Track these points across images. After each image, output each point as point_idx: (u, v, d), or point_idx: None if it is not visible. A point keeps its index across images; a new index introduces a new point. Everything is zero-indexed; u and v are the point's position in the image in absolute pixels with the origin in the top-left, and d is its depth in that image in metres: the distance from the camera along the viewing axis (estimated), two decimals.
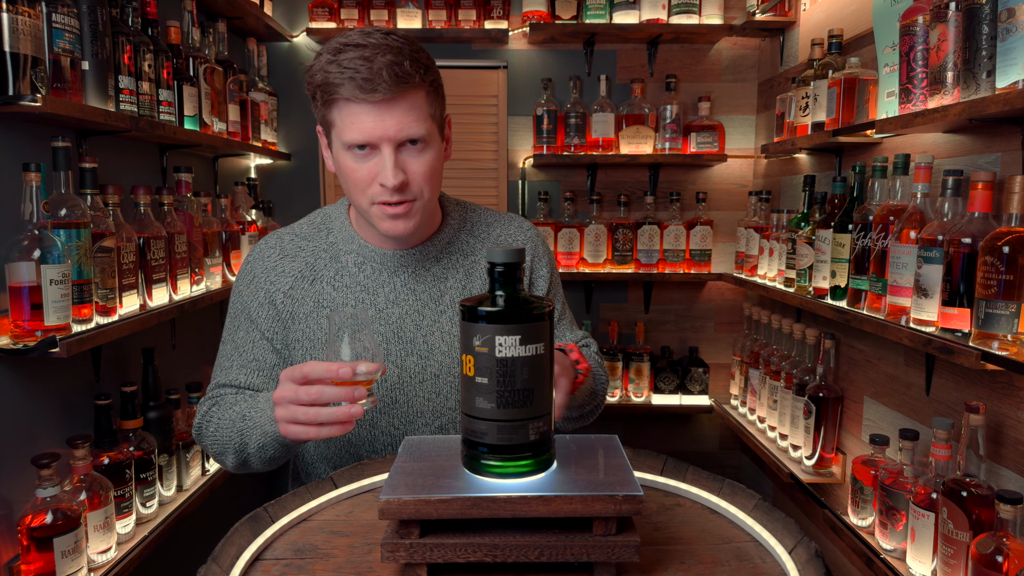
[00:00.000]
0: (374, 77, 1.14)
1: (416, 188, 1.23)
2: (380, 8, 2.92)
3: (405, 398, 1.34)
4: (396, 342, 1.33)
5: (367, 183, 1.22)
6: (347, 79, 1.15)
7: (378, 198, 1.22)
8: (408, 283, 1.35)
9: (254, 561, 0.94)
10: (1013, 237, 1.31)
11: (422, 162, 1.23)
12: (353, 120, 1.18)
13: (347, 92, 1.16)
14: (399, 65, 1.15)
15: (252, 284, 1.35)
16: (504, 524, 0.88)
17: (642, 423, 3.25)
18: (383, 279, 1.34)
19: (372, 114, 1.17)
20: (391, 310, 1.33)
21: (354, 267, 1.35)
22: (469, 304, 0.89)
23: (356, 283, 1.34)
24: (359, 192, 1.24)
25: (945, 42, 1.48)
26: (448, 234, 1.39)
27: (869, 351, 2.12)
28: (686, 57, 3.12)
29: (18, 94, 1.39)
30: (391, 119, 1.17)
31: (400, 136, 1.19)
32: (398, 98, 1.17)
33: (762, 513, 1.01)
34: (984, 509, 1.40)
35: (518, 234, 1.46)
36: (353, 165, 1.22)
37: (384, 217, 1.24)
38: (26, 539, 1.40)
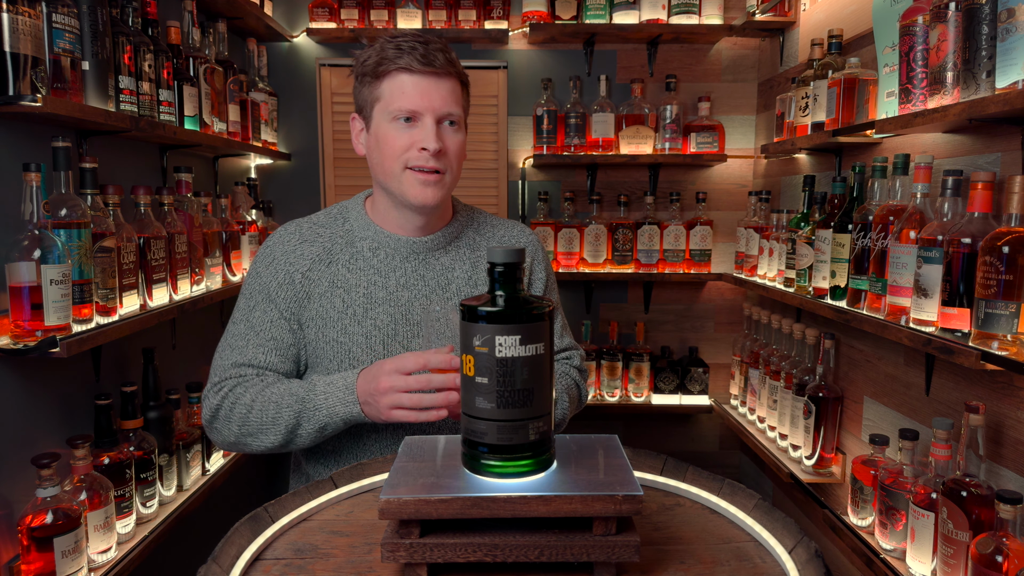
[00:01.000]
0: (430, 54, 1.32)
1: (448, 161, 1.36)
2: (380, 8, 2.92)
3: None
4: (404, 324, 1.41)
5: (405, 149, 1.34)
6: (405, 53, 1.31)
7: (413, 162, 1.34)
8: (418, 269, 1.44)
9: (254, 561, 0.94)
10: (1013, 237, 1.31)
11: (456, 140, 1.38)
12: (404, 90, 1.33)
13: (404, 63, 1.32)
14: (448, 53, 1.36)
15: (272, 265, 1.42)
16: (504, 524, 0.88)
17: (642, 423, 3.25)
18: (395, 264, 1.43)
19: (422, 85, 1.33)
20: (401, 293, 1.42)
21: (368, 252, 1.44)
22: (469, 304, 0.89)
23: (370, 266, 1.42)
24: (394, 158, 1.35)
25: (945, 42, 1.48)
26: (457, 228, 1.49)
27: (869, 351, 2.13)
28: (686, 57, 3.12)
29: (18, 94, 1.39)
30: (438, 93, 1.34)
31: (443, 110, 1.34)
32: (445, 78, 1.35)
33: (762, 513, 1.01)
34: (984, 509, 1.40)
35: (520, 236, 1.56)
36: (395, 134, 1.34)
37: (416, 183, 1.35)
38: (26, 539, 1.40)
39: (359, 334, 1.38)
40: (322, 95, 3.11)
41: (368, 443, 1.42)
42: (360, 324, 1.39)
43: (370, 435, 1.41)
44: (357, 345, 1.38)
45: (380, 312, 1.40)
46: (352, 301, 1.39)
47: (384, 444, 1.41)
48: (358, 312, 1.39)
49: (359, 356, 1.38)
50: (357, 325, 1.39)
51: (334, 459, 1.44)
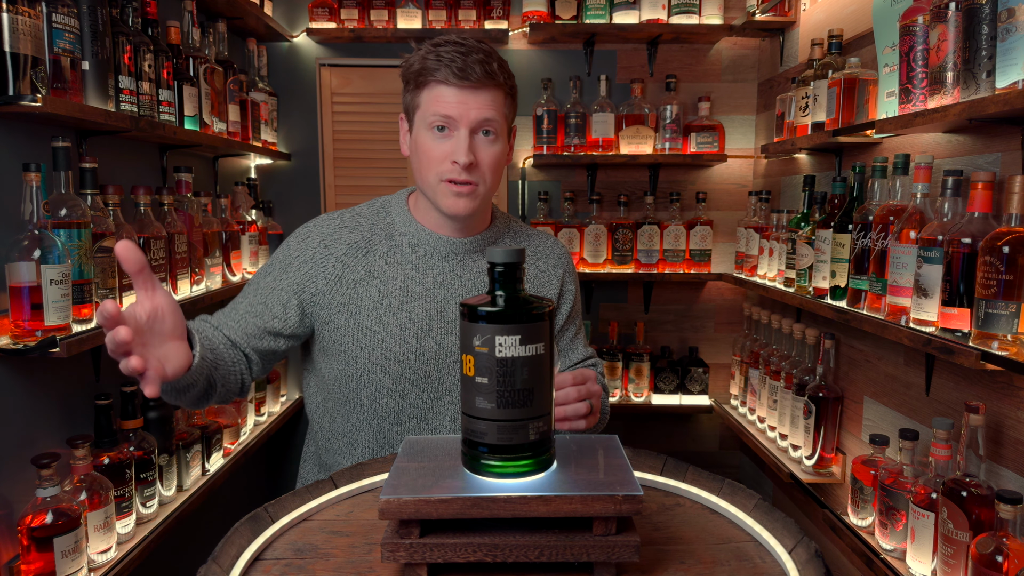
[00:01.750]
0: (467, 67, 1.32)
1: (481, 173, 1.36)
2: (380, 8, 2.92)
3: (438, 374, 1.42)
4: (439, 320, 1.42)
5: (440, 160, 1.35)
6: (443, 65, 1.32)
7: (447, 175, 1.35)
8: (456, 269, 1.46)
9: (254, 561, 0.94)
10: (1013, 237, 1.31)
11: (491, 152, 1.37)
12: (440, 100, 1.33)
13: (441, 76, 1.32)
14: (488, 64, 1.34)
15: (304, 242, 1.44)
16: (504, 524, 0.88)
17: (642, 423, 3.25)
18: (433, 262, 1.45)
19: (458, 97, 1.33)
20: (437, 291, 1.43)
21: (408, 247, 1.45)
22: (469, 304, 0.89)
23: (408, 261, 1.44)
24: (430, 168, 1.36)
25: (945, 42, 1.48)
26: (495, 233, 1.52)
27: (869, 351, 2.13)
28: (686, 57, 3.12)
29: (18, 94, 1.39)
30: (473, 104, 1.33)
31: (477, 120, 1.34)
32: (482, 89, 1.34)
33: (762, 513, 1.01)
34: (984, 509, 1.40)
35: (553, 248, 1.59)
36: (431, 143, 1.35)
37: (449, 193, 1.36)
38: (26, 539, 1.40)
39: (394, 325, 1.40)
40: (322, 95, 3.11)
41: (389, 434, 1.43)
42: (396, 315, 1.40)
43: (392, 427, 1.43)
44: (391, 336, 1.39)
45: (416, 306, 1.41)
46: (388, 292, 1.41)
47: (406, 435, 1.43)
48: (394, 303, 1.41)
49: (392, 347, 1.39)
50: (392, 316, 1.40)
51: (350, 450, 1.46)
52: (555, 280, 1.56)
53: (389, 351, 1.40)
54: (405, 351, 1.40)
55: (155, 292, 1.06)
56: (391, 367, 1.40)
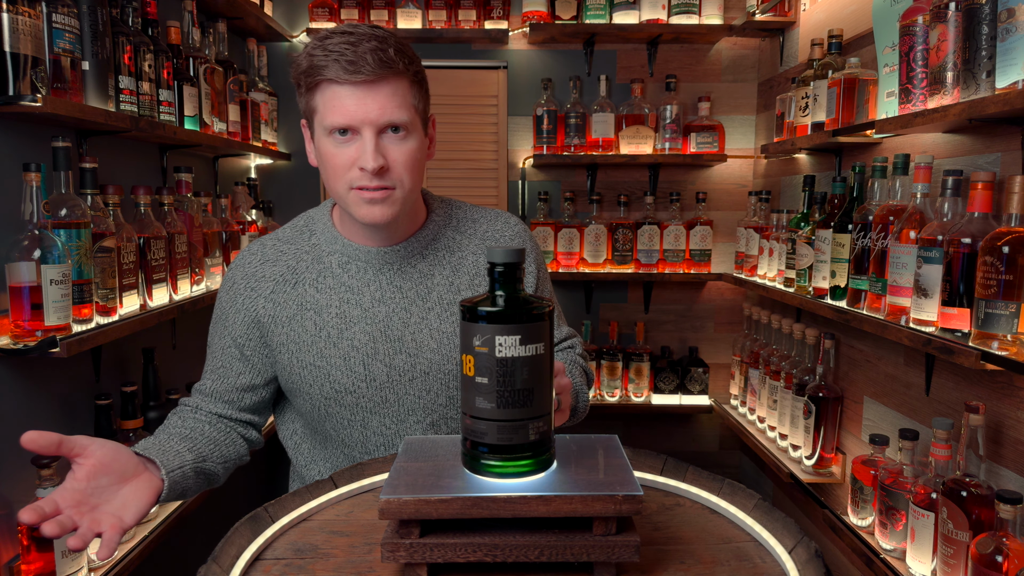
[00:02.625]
0: (358, 59, 1.15)
1: (396, 175, 1.22)
2: (380, 8, 2.92)
3: (396, 396, 1.32)
4: (384, 341, 1.31)
5: (346, 168, 1.21)
6: (332, 61, 1.15)
7: (356, 182, 1.21)
8: (394, 281, 1.33)
9: (254, 561, 0.94)
10: (1013, 237, 1.31)
11: (403, 150, 1.22)
12: (336, 103, 1.18)
13: (331, 73, 1.16)
14: (383, 51, 1.16)
15: (231, 291, 1.35)
16: (504, 524, 0.88)
17: (642, 423, 3.25)
18: (368, 277, 1.33)
19: (355, 96, 1.17)
20: (377, 308, 1.31)
21: (338, 267, 1.33)
22: (469, 304, 0.89)
23: (340, 283, 1.32)
24: (337, 178, 1.22)
25: (945, 42, 1.48)
26: (432, 230, 1.37)
27: (869, 351, 2.13)
28: (686, 57, 3.12)
29: (18, 94, 1.39)
30: (373, 102, 1.18)
31: (381, 120, 1.18)
32: (381, 82, 1.18)
33: (762, 513, 1.01)
34: (984, 509, 1.40)
35: (505, 229, 1.43)
36: (333, 150, 1.21)
37: (361, 202, 1.22)
38: (26, 539, 1.40)
39: (336, 356, 1.29)
40: None
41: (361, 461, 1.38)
42: (336, 346, 1.30)
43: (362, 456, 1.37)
44: (336, 368, 1.30)
45: (356, 331, 1.30)
46: (325, 323, 1.30)
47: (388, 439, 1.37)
48: (332, 333, 1.30)
49: (339, 379, 1.30)
50: (333, 347, 1.29)
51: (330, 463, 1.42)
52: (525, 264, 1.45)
53: (338, 383, 1.30)
54: (354, 380, 1.30)
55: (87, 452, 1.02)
56: (344, 398, 1.31)
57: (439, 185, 3.09)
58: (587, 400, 1.43)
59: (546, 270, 1.52)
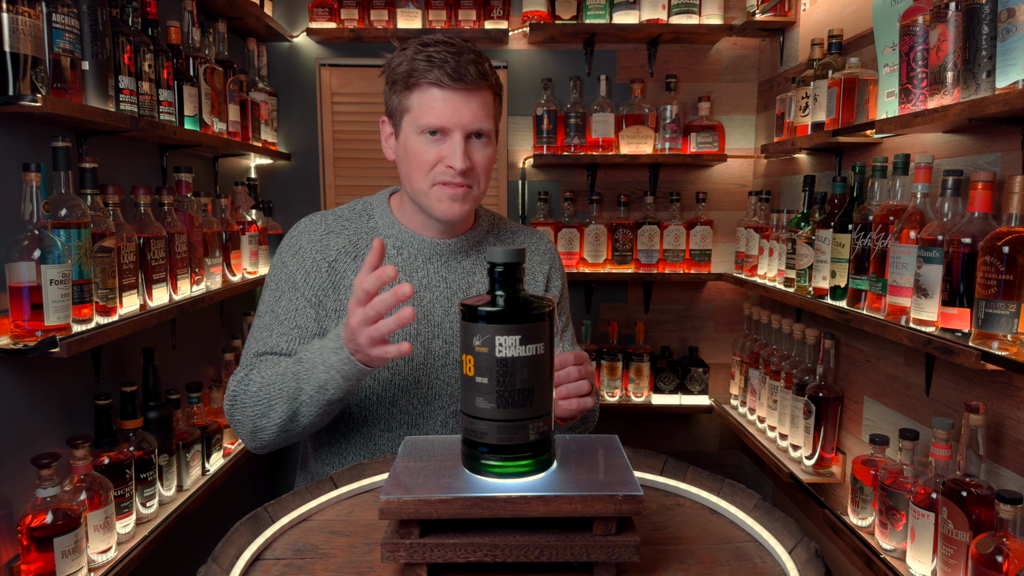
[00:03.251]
0: (460, 68, 1.28)
1: (475, 176, 1.35)
2: (380, 8, 2.92)
3: (427, 379, 1.40)
4: (425, 324, 1.41)
5: (432, 164, 1.32)
6: (436, 67, 1.28)
7: (441, 178, 1.33)
8: (440, 271, 1.44)
9: (254, 561, 0.94)
10: (1013, 237, 1.31)
11: (484, 155, 1.35)
12: (433, 105, 1.30)
13: (434, 78, 1.28)
14: (480, 65, 1.31)
15: (299, 254, 1.42)
16: (504, 524, 0.88)
17: (642, 423, 3.25)
18: (418, 264, 1.43)
19: (452, 101, 1.30)
20: (423, 294, 1.42)
21: (392, 249, 1.44)
22: (469, 304, 0.89)
23: (393, 264, 1.42)
24: (423, 173, 1.33)
25: (945, 42, 1.48)
26: (479, 233, 1.49)
27: (869, 351, 2.12)
28: (686, 57, 3.12)
29: (18, 94, 1.39)
30: (467, 109, 1.30)
31: (472, 126, 1.31)
32: (475, 92, 1.31)
33: (762, 513, 1.01)
34: (984, 509, 1.40)
35: (539, 244, 1.56)
36: (422, 148, 1.32)
37: (443, 197, 1.34)
38: (26, 539, 1.40)
39: None
40: (322, 95, 3.11)
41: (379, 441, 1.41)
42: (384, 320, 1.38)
43: (383, 433, 1.40)
44: None
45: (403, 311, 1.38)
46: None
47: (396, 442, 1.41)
48: None
49: None
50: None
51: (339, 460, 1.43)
52: (540, 276, 1.54)
53: None
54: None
55: None
56: (380, 373, 1.38)
57: None
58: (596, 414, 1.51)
59: (567, 291, 1.63)
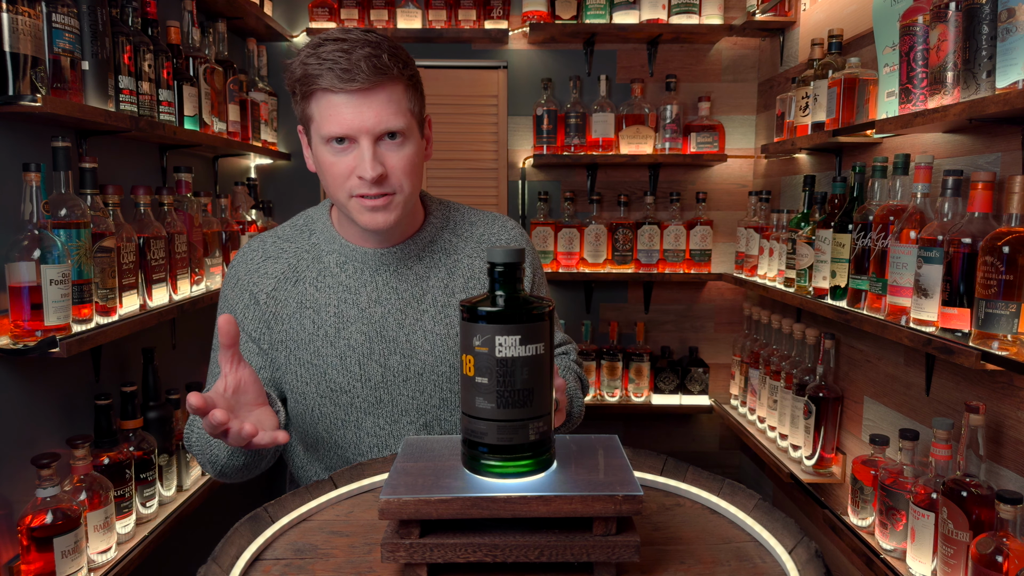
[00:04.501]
0: (352, 67, 1.15)
1: (395, 182, 1.23)
2: (380, 8, 2.92)
3: (390, 397, 1.33)
4: (379, 341, 1.32)
5: (345, 176, 1.21)
6: (326, 70, 1.15)
7: (356, 191, 1.22)
8: (390, 282, 1.35)
9: (254, 561, 0.93)
10: (1013, 237, 1.31)
11: (401, 156, 1.23)
12: (331, 112, 1.18)
13: (326, 82, 1.16)
14: (377, 57, 1.16)
15: (236, 287, 1.35)
16: (504, 524, 0.88)
17: (642, 423, 3.25)
18: (365, 278, 1.34)
19: (351, 105, 1.17)
20: (373, 309, 1.33)
21: (336, 267, 1.34)
22: (469, 304, 0.89)
23: (338, 283, 1.34)
24: (337, 186, 1.23)
25: (945, 42, 1.48)
26: (430, 233, 1.39)
27: (869, 351, 2.12)
28: (686, 57, 3.12)
29: (18, 94, 1.39)
30: (369, 111, 1.18)
31: (378, 128, 1.19)
32: (376, 89, 1.18)
33: (762, 513, 1.01)
34: (984, 509, 1.40)
35: (501, 232, 1.45)
36: (331, 159, 1.22)
37: (363, 210, 1.23)
38: (26, 539, 1.40)
39: (333, 355, 1.31)
40: None
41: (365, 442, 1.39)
42: (333, 345, 1.31)
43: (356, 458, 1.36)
44: (331, 367, 1.31)
45: (353, 331, 1.31)
46: (323, 322, 1.31)
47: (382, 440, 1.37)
48: (330, 333, 1.31)
49: (335, 378, 1.31)
50: (330, 347, 1.31)
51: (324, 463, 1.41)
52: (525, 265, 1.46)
53: (333, 382, 1.31)
54: (350, 380, 1.31)
55: (239, 366, 1.06)
56: (339, 398, 1.32)
57: (439, 185, 3.09)
58: (581, 406, 1.44)
59: (542, 273, 1.53)
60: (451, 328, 1.35)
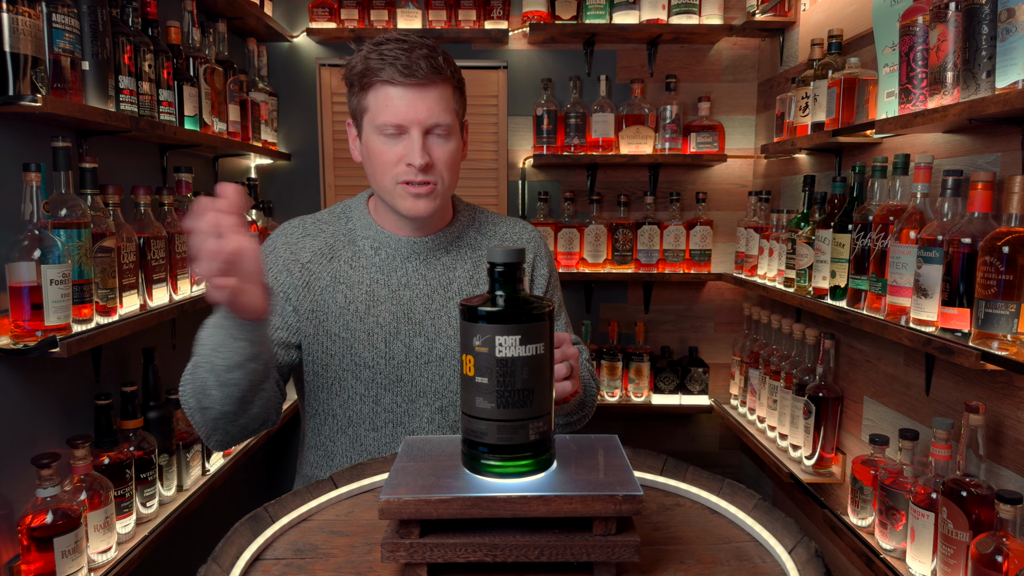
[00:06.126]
0: (412, 64, 1.27)
1: (439, 172, 1.33)
2: (380, 8, 2.92)
3: (410, 376, 1.40)
4: (406, 322, 1.40)
5: (394, 163, 1.32)
6: (387, 64, 1.27)
7: (403, 177, 1.32)
8: (419, 269, 1.44)
9: (254, 561, 0.94)
10: (1013, 237, 1.31)
11: (446, 150, 1.34)
12: (388, 103, 1.29)
13: (386, 75, 1.28)
14: (434, 58, 1.30)
15: (273, 253, 1.43)
16: (504, 524, 0.88)
17: (642, 423, 3.25)
18: (396, 263, 1.43)
19: (406, 98, 1.29)
20: (403, 292, 1.42)
21: (370, 250, 1.43)
22: (469, 304, 0.89)
23: (372, 264, 1.42)
24: (385, 172, 1.33)
25: (945, 42, 1.48)
26: (458, 228, 1.48)
27: (869, 351, 2.13)
28: (686, 57, 3.12)
29: (18, 94, 1.39)
30: (423, 104, 1.29)
31: (429, 121, 1.30)
32: (430, 86, 1.30)
33: (762, 513, 1.01)
34: (984, 509, 1.40)
35: (522, 234, 1.56)
36: (382, 147, 1.32)
37: (407, 196, 1.33)
38: (26, 539, 1.40)
39: (361, 330, 1.38)
40: (322, 95, 3.11)
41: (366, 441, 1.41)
42: (363, 320, 1.39)
43: (368, 433, 1.41)
44: (359, 341, 1.38)
45: (383, 310, 1.39)
46: (355, 297, 1.39)
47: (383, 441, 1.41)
48: (360, 308, 1.39)
49: (360, 352, 1.38)
50: (359, 321, 1.39)
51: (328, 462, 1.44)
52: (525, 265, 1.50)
53: (359, 356, 1.38)
54: (375, 355, 1.38)
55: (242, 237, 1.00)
56: (362, 372, 1.38)
57: None
58: (595, 396, 1.50)
59: (558, 279, 1.63)
60: None
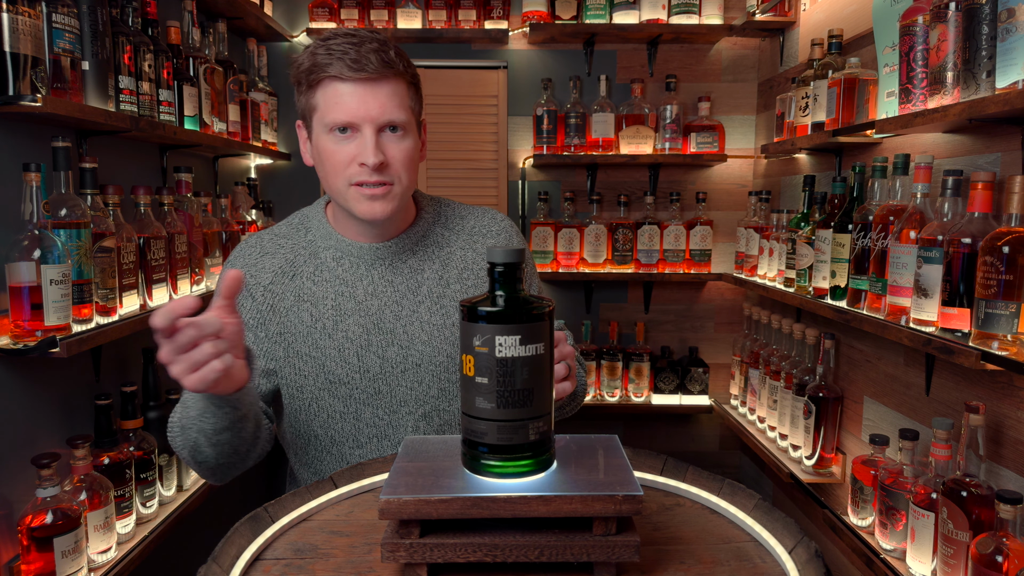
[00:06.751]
0: (361, 58, 1.20)
1: (394, 172, 1.27)
2: (380, 8, 2.92)
3: (388, 388, 1.35)
4: (376, 333, 1.35)
5: (346, 164, 1.25)
6: (335, 59, 1.20)
7: (356, 178, 1.25)
8: (385, 275, 1.38)
9: (254, 561, 0.94)
10: (1013, 237, 1.31)
11: (401, 148, 1.27)
12: (338, 100, 1.22)
13: (335, 70, 1.21)
14: (385, 52, 1.22)
15: None
16: (504, 524, 0.88)
17: (642, 423, 3.25)
18: (361, 272, 1.37)
19: (357, 94, 1.22)
20: (370, 302, 1.36)
21: (332, 261, 1.37)
22: (469, 304, 0.89)
23: (335, 277, 1.36)
24: (337, 174, 1.26)
25: (945, 42, 1.48)
26: (422, 227, 1.42)
27: (869, 351, 2.13)
28: (686, 57, 3.12)
29: (18, 94, 1.39)
30: (375, 101, 1.22)
31: (382, 118, 1.23)
32: (382, 81, 1.23)
33: (762, 513, 1.01)
34: (984, 509, 1.40)
35: (491, 224, 1.48)
36: (333, 147, 1.25)
37: (362, 198, 1.26)
38: (26, 539, 1.40)
39: (331, 347, 1.33)
40: None
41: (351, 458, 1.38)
42: (331, 337, 1.33)
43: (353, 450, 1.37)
44: (330, 359, 1.33)
45: (351, 323, 1.34)
46: (320, 314, 1.33)
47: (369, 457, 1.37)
48: (328, 325, 1.33)
49: (333, 369, 1.33)
50: (328, 338, 1.33)
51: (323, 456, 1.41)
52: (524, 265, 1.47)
53: (332, 374, 1.33)
54: (348, 371, 1.33)
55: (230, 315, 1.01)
56: (338, 390, 1.33)
57: (439, 185, 3.09)
58: (584, 383, 1.46)
59: (533, 265, 1.56)
60: (447, 318, 1.37)
